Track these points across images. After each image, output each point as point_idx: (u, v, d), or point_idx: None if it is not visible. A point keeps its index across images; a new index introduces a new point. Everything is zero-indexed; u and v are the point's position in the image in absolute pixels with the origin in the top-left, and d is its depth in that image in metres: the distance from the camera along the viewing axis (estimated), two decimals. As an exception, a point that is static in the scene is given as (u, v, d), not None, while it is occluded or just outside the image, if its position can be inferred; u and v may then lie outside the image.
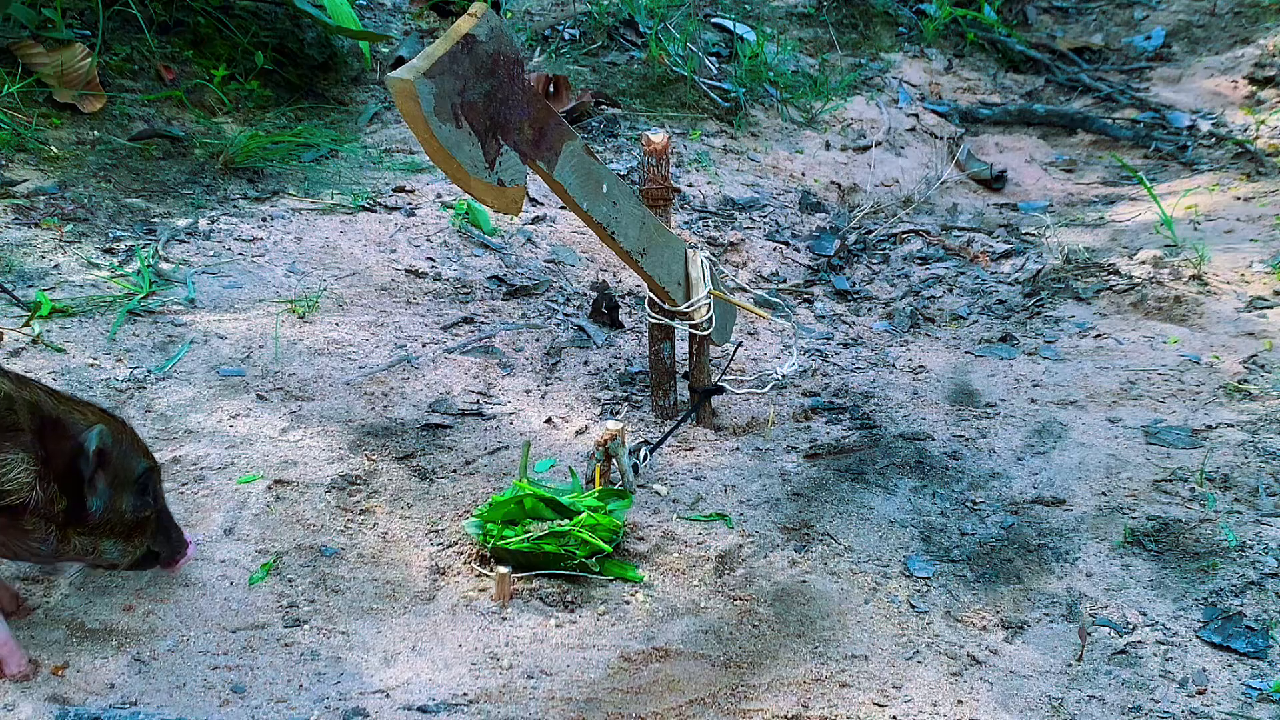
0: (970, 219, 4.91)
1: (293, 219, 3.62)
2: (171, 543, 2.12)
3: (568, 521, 2.36)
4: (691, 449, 2.92)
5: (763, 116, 5.19)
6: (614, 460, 2.61)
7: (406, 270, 3.52)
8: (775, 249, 4.25)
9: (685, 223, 4.24)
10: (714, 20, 5.74)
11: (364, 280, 3.41)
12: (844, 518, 2.61)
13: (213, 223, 3.53)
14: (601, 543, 2.34)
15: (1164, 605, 2.32)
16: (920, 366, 3.50)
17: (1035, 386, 3.32)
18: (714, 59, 5.40)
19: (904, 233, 4.48)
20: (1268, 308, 3.68)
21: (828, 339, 3.73)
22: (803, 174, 4.94)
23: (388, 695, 1.98)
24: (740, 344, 3.44)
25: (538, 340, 3.36)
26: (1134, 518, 2.60)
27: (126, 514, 2.00)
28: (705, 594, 2.33)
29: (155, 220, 3.50)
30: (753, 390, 3.26)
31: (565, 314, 3.56)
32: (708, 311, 2.94)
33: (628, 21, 5.45)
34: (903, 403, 3.21)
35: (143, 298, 3.08)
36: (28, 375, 1.99)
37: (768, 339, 3.68)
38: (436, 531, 2.46)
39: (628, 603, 2.29)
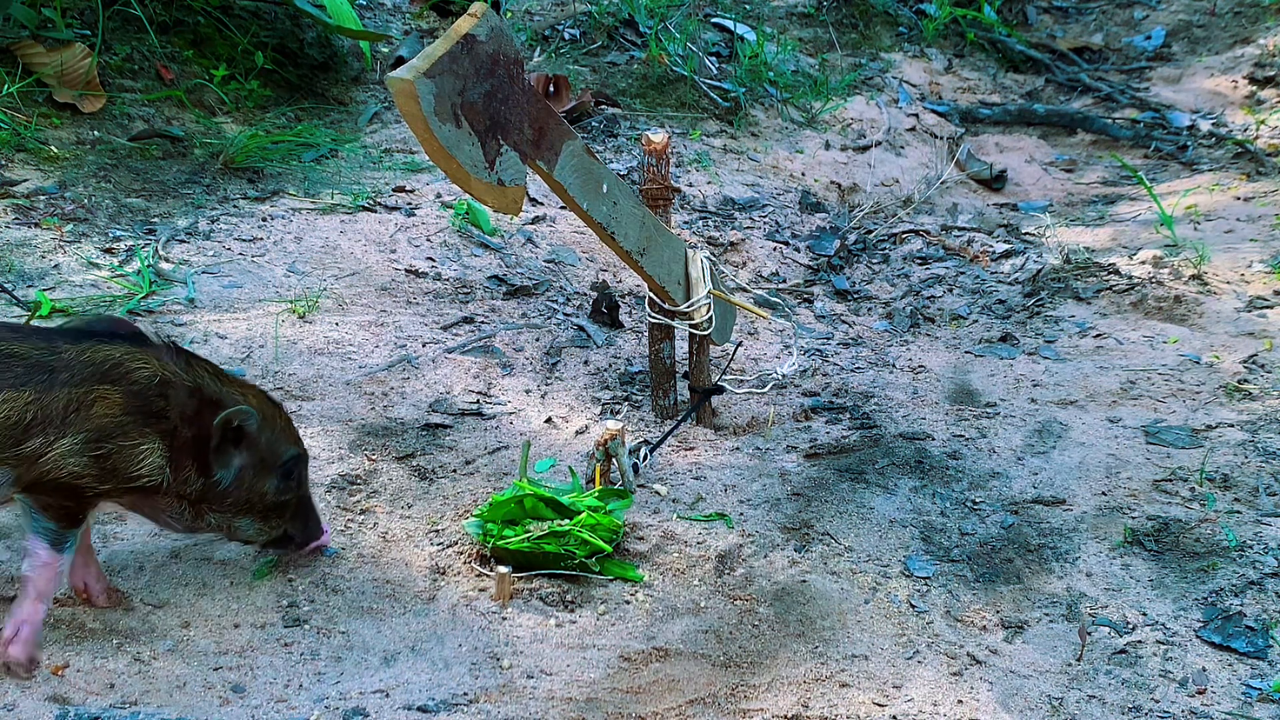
0: (970, 219, 4.91)
1: (293, 219, 3.62)
2: (308, 528, 2.22)
3: (568, 521, 2.36)
4: (691, 449, 2.92)
5: (763, 116, 5.19)
6: (614, 460, 2.61)
7: (406, 270, 3.52)
8: (775, 249, 4.25)
9: (685, 223, 4.24)
10: (714, 20, 5.74)
11: (364, 280, 3.41)
12: (844, 517, 2.61)
13: (213, 223, 3.53)
14: (602, 543, 2.34)
15: (1164, 605, 2.32)
16: (920, 366, 3.50)
17: (1035, 386, 3.32)
18: (714, 59, 5.40)
19: (904, 233, 4.48)
20: (1268, 308, 3.68)
21: (828, 339, 3.73)
22: (803, 174, 4.94)
23: (388, 695, 1.98)
24: (740, 344, 3.44)
25: (538, 340, 3.36)
26: (1134, 518, 2.60)
27: (268, 495, 2.11)
28: (705, 594, 2.33)
29: (155, 220, 3.50)
30: (753, 390, 3.26)
31: (565, 314, 3.56)
32: (708, 311, 2.94)
33: (628, 21, 5.45)
34: (903, 402, 3.21)
35: (143, 298, 3.08)
36: (198, 355, 2.10)
37: (768, 339, 3.68)
38: (436, 531, 2.47)
39: (628, 603, 2.29)
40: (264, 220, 3.58)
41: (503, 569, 2.26)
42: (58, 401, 1.90)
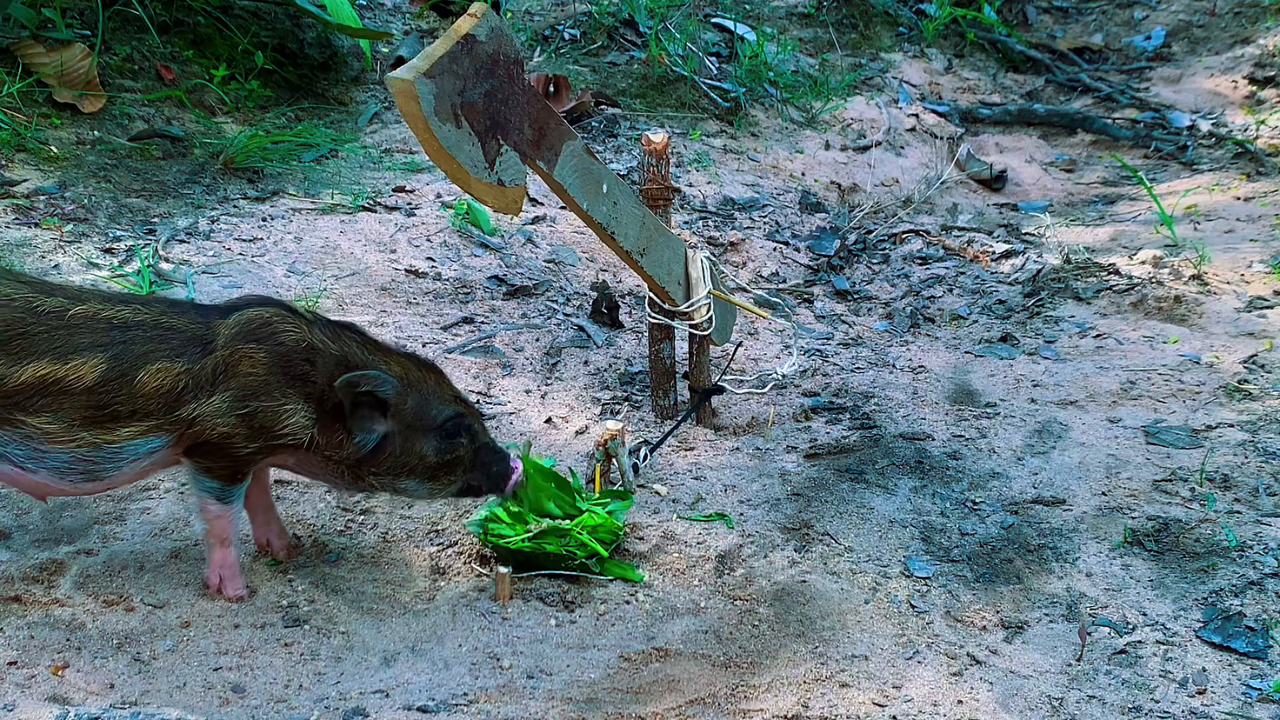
0: (970, 219, 4.91)
1: (293, 219, 3.62)
2: (491, 476, 2.23)
3: (568, 522, 2.36)
4: (691, 449, 2.92)
5: (763, 116, 5.19)
6: (614, 460, 2.61)
7: (406, 270, 3.52)
8: (775, 249, 4.25)
9: (685, 223, 4.24)
10: (714, 20, 5.74)
11: (364, 280, 3.41)
12: (844, 518, 2.61)
13: (213, 223, 3.53)
14: (600, 547, 2.34)
15: (1164, 605, 2.32)
16: (920, 366, 3.50)
17: (1035, 386, 3.32)
18: (714, 59, 5.40)
19: (904, 233, 4.48)
20: (1268, 308, 3.68)
21: (828, 339, 3.73)
22: (803, 174, 4.93)
23: (388, 695, 1.98)
24: (740, 344, 3.44)
25: (538, 340, 3.36)
26: (1134, 518, 2.60)
27: (429, 457, 2.16)
28: (705, 594, 2.33)
29: (155, 220, 3.50)
30: (753, 390, 3.26)
31: (565, 314, 3.56)
32: (708, 311, 2.94)
33: (628, 21, 5.45)
34: (903, 403, 3.21)
35: (143, 298, 3.08)
36: (351, 325, 2.20)
37: (768, 339, 3.68)
38: (436, 531, 2.47)
39: (628, 603, 2.29)
40: (264, 220, 3.58)
41: (502, 569, 2.26)
42: (207, 366, 2.03)
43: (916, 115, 5.59)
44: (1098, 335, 3.62)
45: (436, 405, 2.17)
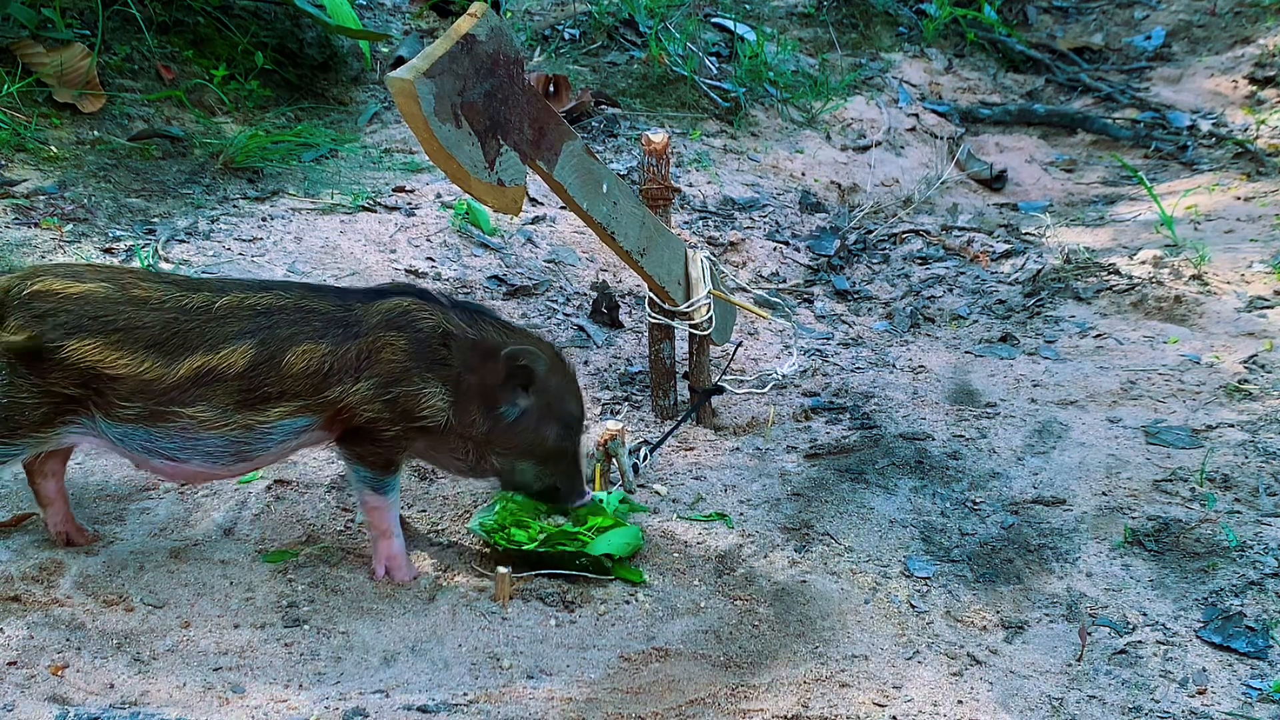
0: (970, 219, 4.91)
1: (293, 219, 3.62)
2: (574, 486, 2.35)
3: (578, 527, 2.37)
4: (691, 449, 2.92)
5: (763, 116, 5.19)
6: (614, 460, 2.61)
7: (406, 270, 3.52)
8: (775, 249, 4.25)
9: (685, 223, 4.24)
10: (714, 20, 5.74)
11: (364, 280, 3.41)
12: (844, 518, 2.61)
13: (212, 223, 3.53)
14: (615, 547, 2.35)
15: (1164, 605, 2.32)
16: (920, 366, 3.49)
17: (1035, 386, 3.32)
18: (714, 59, 5.40)
19: (904, 233, 4.48)
20: (1268, 308, 3.68)
21: (828, 339, 3.72)
22: (803, 174, 4.93)
23: (388, 695, 1.98)
24: (740, 344, 3.44)
25: (538, 340, 3.36)
26: (1134, 518, 2.60)
27: (548, 440, 2.28)
28: (705, 594, 2.33)
29: (155, 220, 3.50)
30: (753, 390, 3.26)
31: (565, 314, 3.56)
32: (708, 311, 2.94)
33: (628, 21, 5.45)
34: (903, 403, 3.21)
35: (143, 298, 3.07)
36: (486, 309, 2.32)
37: (768, 339, 3.68)
38: (436, 531, 2.46)
39: (628, 603, 2.29)
40: (264, 220, 3.58)
41: (503, 569, 2.26)
42: (351, 351, 2.12)
43: (916, 115, 5.59)
44: (1098, 335, 3.62)
45: (570, 397, 2.30)
